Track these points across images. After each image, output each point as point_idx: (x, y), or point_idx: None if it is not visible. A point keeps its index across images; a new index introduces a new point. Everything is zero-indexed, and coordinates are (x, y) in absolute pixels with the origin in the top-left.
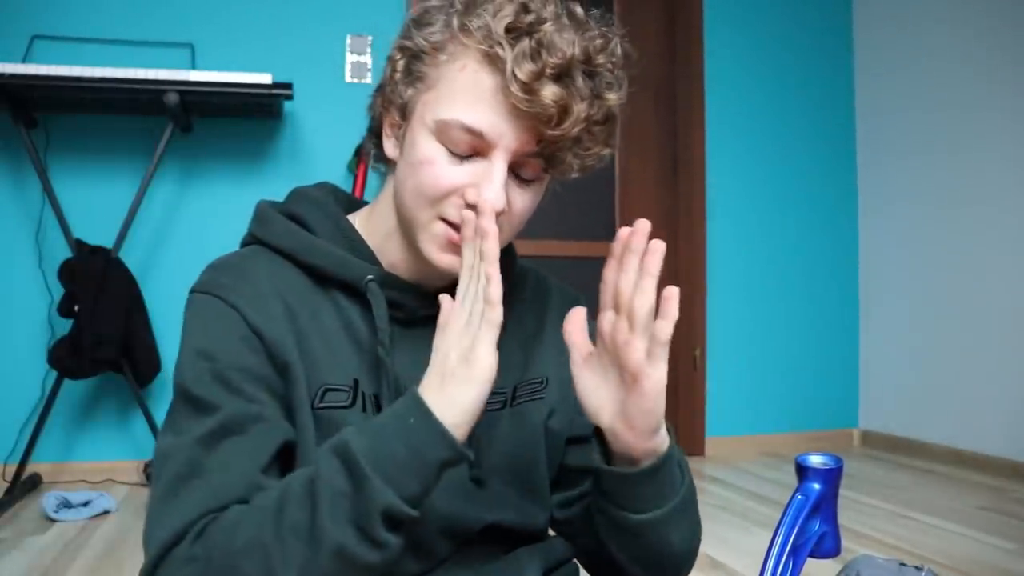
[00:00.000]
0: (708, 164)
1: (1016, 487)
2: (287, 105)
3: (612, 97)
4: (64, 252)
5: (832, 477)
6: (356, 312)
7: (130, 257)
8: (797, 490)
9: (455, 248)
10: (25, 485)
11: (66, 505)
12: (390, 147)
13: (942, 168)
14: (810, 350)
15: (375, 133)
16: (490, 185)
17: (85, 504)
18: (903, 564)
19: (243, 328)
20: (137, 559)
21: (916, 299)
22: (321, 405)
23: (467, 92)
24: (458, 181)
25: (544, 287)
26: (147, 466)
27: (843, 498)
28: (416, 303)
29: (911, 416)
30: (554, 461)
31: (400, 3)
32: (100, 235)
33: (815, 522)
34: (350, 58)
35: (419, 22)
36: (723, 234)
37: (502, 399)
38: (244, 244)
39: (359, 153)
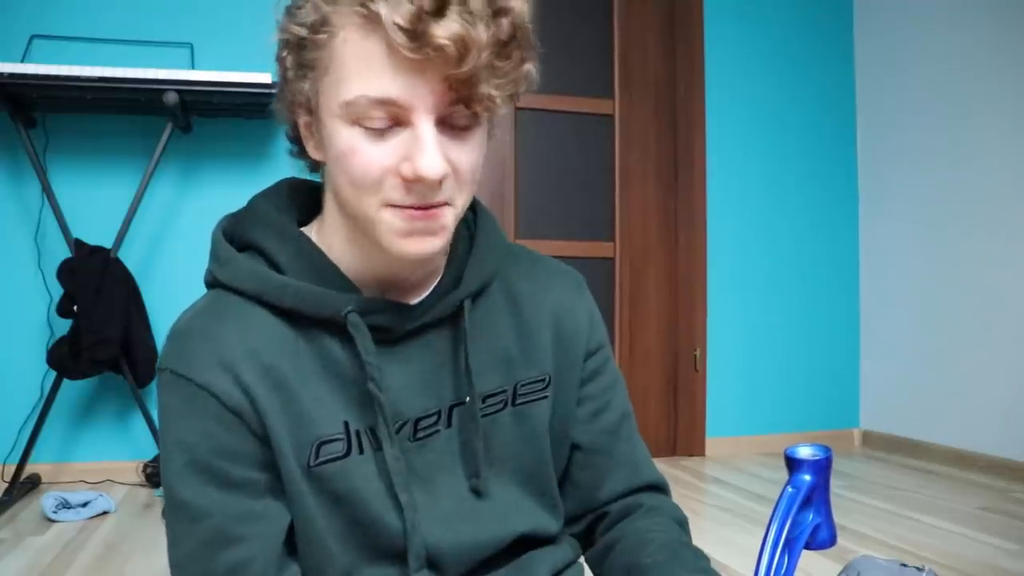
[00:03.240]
0: (708, 164)
1: (1016, 487)
2: None
3: (513, 3)
4: (63, 252)
5: (822, 467)
6: (337, 346)
7: (129, 257)
8: (788, 483)
9: (415, 231)
10: (24, 485)
11: (65, 505)
12: (312, 148)
13: (943, 169)
14: (811, 350)
15: (294, 140)
16: (423, 153)
17: (84, 504)
18: (904, 565)
19: (217, 407)
20: (136, 560)
21: (917, 299)
22: (317, 462)
23: (359, 63)
24: (387, 161)
25: (542, 266)
26: (146, 466)
27: (844, 499)
28: (398, 322)
29: (912, 416)
30: (558, 466)
31: None
32: (99, 235)
33: (808, 514)
34: None
35: (290, 9)
36: (723, 234)
37: (502, 399)
38: (208, 283)
39: None
